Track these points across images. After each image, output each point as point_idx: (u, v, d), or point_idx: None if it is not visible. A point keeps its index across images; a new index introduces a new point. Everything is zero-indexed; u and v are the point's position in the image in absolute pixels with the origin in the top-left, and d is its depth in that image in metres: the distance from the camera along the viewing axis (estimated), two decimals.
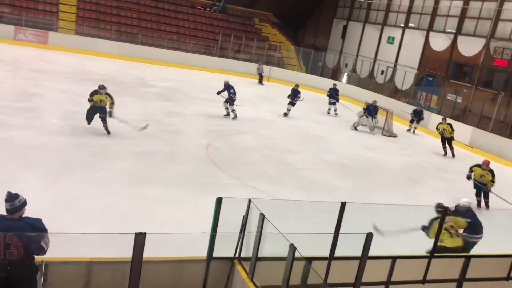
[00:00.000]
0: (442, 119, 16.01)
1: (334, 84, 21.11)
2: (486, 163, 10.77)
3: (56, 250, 4.18)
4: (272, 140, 14.07)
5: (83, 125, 11.63)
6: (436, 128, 15.90)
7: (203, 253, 5.05)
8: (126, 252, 4.24)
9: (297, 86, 18.48)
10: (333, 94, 20.18)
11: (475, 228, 7.24)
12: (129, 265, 4.01)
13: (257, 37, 29.92)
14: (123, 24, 27.12)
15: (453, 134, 15.46)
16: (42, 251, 3.95)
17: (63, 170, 8.80)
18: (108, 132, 11.44)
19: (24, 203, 3.97)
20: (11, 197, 3.91)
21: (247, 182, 9.86)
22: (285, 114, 17.69)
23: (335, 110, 20.21)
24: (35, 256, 4.01)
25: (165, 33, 27.62)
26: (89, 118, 11.37)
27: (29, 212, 4.10)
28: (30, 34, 24.08)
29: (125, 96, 16.21)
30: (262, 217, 4.71)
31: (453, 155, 15.55)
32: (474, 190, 10.77)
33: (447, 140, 15.53)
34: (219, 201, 4.88)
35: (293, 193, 9.64)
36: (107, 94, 11.31)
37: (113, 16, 27.29)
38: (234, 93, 15.70)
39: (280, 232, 4.25)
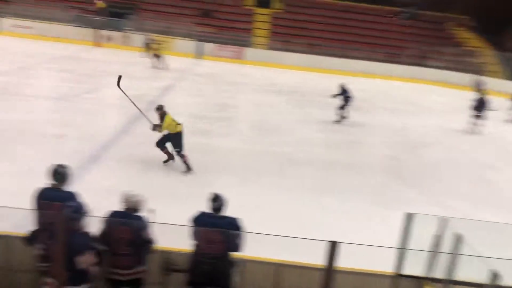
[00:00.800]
0: None
1: None
2: None
3: (248, 249, 4.50)
4: (467, 154, 12.90)
5: (271, 133, 12.37)
6: None
7: (382, 268, 4.88)
8: (310, 258, 4.39)
9: (484, 95, 16.16)
10: None
11: None
12: (315, 271, 4.09)
13: (450, 42, 27.91)
14: (312, 37, 28.05)
15: None
16: (237, 248, 4.31)
17: (254, 175, 9.44)
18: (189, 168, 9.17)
19: (225, 203, 4.39)
20: (217, 197, 4.36)
21: (436, 199, 9.20)
22: (473, 130, 15.35)
23: None
24: (231, 253, 4.38)
25: (352, 43, 27.73)
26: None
27: (225, 212, 4.49)
28: (228, 51, 26.66)
29: (309, 108, 16.73)
30: (458, 237, 4.34)
31: None
32: None
33: None
34: (408, 216, 4.66)
35: (493, 214, 8.66)
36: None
37: (302, 30, 28.44)
38: (350, 98, 14.56)
39: (480, 256, 3.86)
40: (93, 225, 4.20)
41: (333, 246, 2.90)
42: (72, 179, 4.71)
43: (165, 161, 9.31)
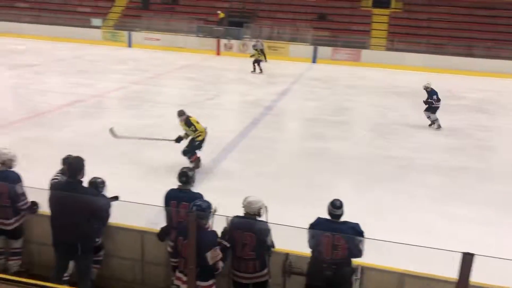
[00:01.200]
0: None
1: None
2: None
3: (369, 256, 4.39)
4: None
5: (390, 136, 11.97)
6: None
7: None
8: (436, 269, 4.18)
9: None
10: None
11: None
12: (445, 285, 3.85)
13: None
14: (433, 36, 26.56)
15: None
16: (360, 253, 4.23)
17: (373, 180, 9.18)
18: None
19: (343, 210, 4.36)
20: (341, 204, 4.34)
21: None
22: None
23: None
24: (352, 259, 4.32)
25: (478, 41, 25.71)
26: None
27: (343, 217, 4.42)
28: (344, 53, 26.34)
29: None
30: None
31: None
32: None
33: None
34: None
35: None
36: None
37: (423, 29, 27.07)
38: (438, 100, 13.08)
39: None
40: (218, 224, 4.41)
41: (469, 258, 2.69)
42: (196, 180, 5.02)
43: (192, 161, 9.17)
